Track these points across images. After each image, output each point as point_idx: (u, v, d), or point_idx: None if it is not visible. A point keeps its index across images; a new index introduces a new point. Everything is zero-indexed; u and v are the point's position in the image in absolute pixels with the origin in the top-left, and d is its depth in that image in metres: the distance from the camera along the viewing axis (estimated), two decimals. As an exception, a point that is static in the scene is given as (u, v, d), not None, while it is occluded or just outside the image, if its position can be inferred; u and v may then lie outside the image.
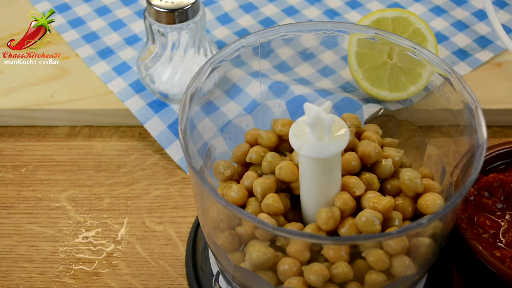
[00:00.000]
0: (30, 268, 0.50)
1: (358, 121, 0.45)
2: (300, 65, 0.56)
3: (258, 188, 0.40)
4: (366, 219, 0.37)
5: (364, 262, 0.37)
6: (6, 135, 0.60)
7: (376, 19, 0.57)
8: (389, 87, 0.53)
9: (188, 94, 0.40)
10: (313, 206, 0.40)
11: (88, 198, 0.55)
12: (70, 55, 0.65)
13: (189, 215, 0.53)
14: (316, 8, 0.69)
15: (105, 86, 0.61)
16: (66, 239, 0.52)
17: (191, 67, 0.58)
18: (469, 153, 0.39)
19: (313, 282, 0.36)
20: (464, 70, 0.62)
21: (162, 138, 0.57)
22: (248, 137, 0.45)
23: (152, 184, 0.56)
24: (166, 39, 0.56)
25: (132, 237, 0.52)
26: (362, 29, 0.46)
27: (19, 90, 0.61)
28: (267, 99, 0.50)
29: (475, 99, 0.39)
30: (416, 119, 0.47)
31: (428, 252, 0.39)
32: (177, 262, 0.50)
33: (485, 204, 0.45)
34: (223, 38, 0.66)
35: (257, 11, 0.69)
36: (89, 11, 0.69)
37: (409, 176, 0.39)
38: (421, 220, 0.34)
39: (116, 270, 0.50)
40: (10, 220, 0.53)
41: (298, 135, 0.37)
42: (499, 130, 0.59)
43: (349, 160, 0.41)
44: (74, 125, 0.61)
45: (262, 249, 0.37)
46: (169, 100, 0.59)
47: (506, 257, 0.42)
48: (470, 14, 0.67)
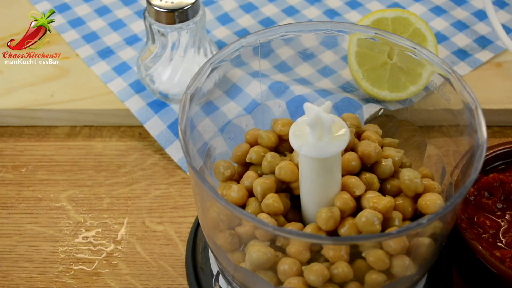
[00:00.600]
0: (30, 268, 0.50)
1: (358, 121, 0.45)
2: (300, 65, 0.56)
3: (258, 188, 0.40)
4: (366, 219, 0.37)
5: (364, 262, 0.37)
6: (6, 135, 0.60)
7: (376, 19, 0.57)
8: (389, 87, 0.53)
9: (188, 94, 0.40)
10: (313, 206, 0.40)
11: (88, 198, 0.55)
12: (70, 55, 0.65)
13: (189, 215, 0.53)
14: (316, 8, 0.69)
15: (105, 86, 0.61)
16: (66, 239, 0.52)
17: (191, 67, 0.58)
18: (469, 153, 0.39)
19: (313, 282, 0.36)
20: (464, 70, 0.62)
21: (162, 138, 0.57)
22: (248, 137, 0.45)
23: (152, 184, 0.56)
24: (166, 39, 0.56)
25: (132, 237, 0.52)
26: (362, 29, 0.46)
27: (19, 90, 0.61)
28: (267, 99, 0.50)
29: (475, 99, 0.39)
30: (416, 119, 0.47)
31: (428, 252, 0.39)
32: (177, 262, 0.50)
33: (485, 204, 0.45)
34: (223, 38, 0.66)
35: (257, 11, 0.69)
36: (89, 11, 0.69)
37: (409, 176, 0.39)
38: (421, 220, 0.34)
39: (116, 270, 0.50)
40: (10, 220, 0.53)
41: (298, 135, 0.37)
42: (499, 130, 0.59)
43: (349, 160, 0.41)
44: (74, 125, 0.61)
45: (262, 249, 0.37)
46: (169, 100, 0.59)
47: (506, 257, 0.42)
48: (470, 14, 0.67)
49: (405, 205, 0.40)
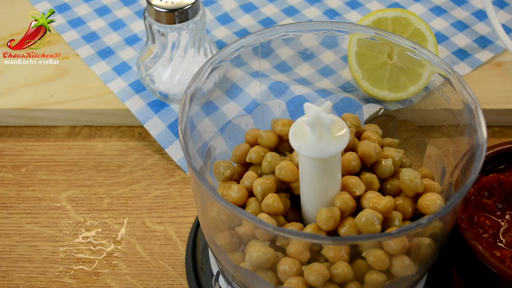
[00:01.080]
0: (30, 268, 0.50)
1: (358, 121, 0.45)
2: (300, 65, 0.56)
3: (258, 188, 0.40)
4: (366, 219, 0.37)
5: (364, 262, 0.37)
6: (6, 135, 0.60)
7: (376, 19, 0.57)
8: (389, 87, 0.53)
9: (188, 94, 0.40)
10: (313, 206, 0.40)
11: (88, 198, 0.55)
12: (70, 55, 0.65)
13: (189, 215, 0.53)
14: (316, 8, 0.69)
15: (105, 86, 0.61)
16: (66, 239, 0.52)
17: (191, 67, 0.58)
18: (469, 153, 0.39)
19: (313, 282, 0.36)
20: (464, 70, 0.62)
21: (162, 138, 0.57)
22: (248, 137, 0.45)
23: (152, 184, 0.56)
24: (166, 39, 0.56)
25: (132, 237, 0.52)
26: (362, 29, 0.46)
27: (19, 90, 0.61)
28: (267, 99, 0.50)
29: (475, 99, 0.39)
30: (416, 119, 0.47)
31: (428, 252, 0.39)
32: (177, 262, 0.50)
33: (485, 204, 0.45)
34: (223, 38, 0.66)
35: (257, 11, 0.69)
36: (89, 11, 0.69)
37: (409, 176, 0.39)
38: (421, 220, 0.34)
39: (116, 270, 0.50)
40: (10, 220, 0.53)
41: (298, 135, 0.37)
42: (499, 130, 0.59)
43: (349, 160, 0.41)
44: (74, 125, 0.61)
45: (262, 249, 0.37)
46: (169, 100, 0.59)
47: (506, 257, 0.42)
48: (470, 14, 0.67)
49: (405, 205, 0.40)
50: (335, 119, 0.37)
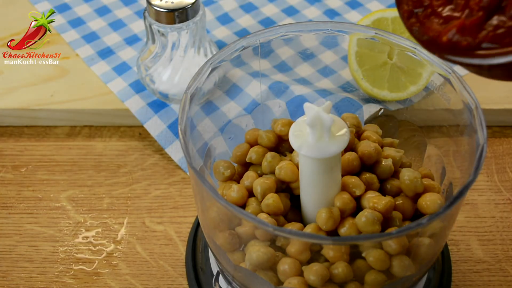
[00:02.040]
0: (30, 268, 0.50)
1: (358, 121, 0.45)
2: (300, 65, 0.56)
3: (258, 188, 0.40)
4: (366, 219, 0.37)
5: (364, 262, 0.37)
6: (6, 135, 0.60)
7: (376, 19, 0.57)
8: (389, 87, 0.53)
9: (188, 94, 0.40)
10: (313, 206, 0.40)
11: (88, 198, 0.55)
12: (70, 55, 0.65)
13: (189, 215, 0.53)
14: (316, 8, 0.69)
15: (105, 86, 0.61)
16: (66, 239, 0.52)
17: (191, 67, 0.58)
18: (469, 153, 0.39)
19: (313, 282, 0.36)
20: (464, 70, 0.62)
21: (162, 138, 0.57)
22: (248, 137, 0.45)
23: (152, 184, 0.56)
24: (166, 39, 0.56)
25: (132, 237, 0.52)
26: (362, 29, 0.46)
27: (19, 90, 0.61)
28: (267, 99, 0.50)
29: (475, 99, 0.39)
30: (416, 119, 0.47)
31: (428, 252, 0.39)
32: (177, 262, 0.50)
33: None
34: (223, 38, 0.66)
35: (257, 11, 0.69)
36: (89, 11, 0.69)
37: (409, 176, 0.39)
38: (421, 220, 0.34)
39: (116, 270, 0.50)
40: (10, 220, 0.53)
41: (298, 135, 0.37)
42: (499, 130, 0.59)
43: (349, 160, 0.41)
44: (74, 125, 0.61)
45: (262, 249, 0.37)
46: (169, 100, 0.59)
47: None
48: (470, 14, 0.67)
49: (405, 205, 0.40)
50: (335, 119, 0.37)
